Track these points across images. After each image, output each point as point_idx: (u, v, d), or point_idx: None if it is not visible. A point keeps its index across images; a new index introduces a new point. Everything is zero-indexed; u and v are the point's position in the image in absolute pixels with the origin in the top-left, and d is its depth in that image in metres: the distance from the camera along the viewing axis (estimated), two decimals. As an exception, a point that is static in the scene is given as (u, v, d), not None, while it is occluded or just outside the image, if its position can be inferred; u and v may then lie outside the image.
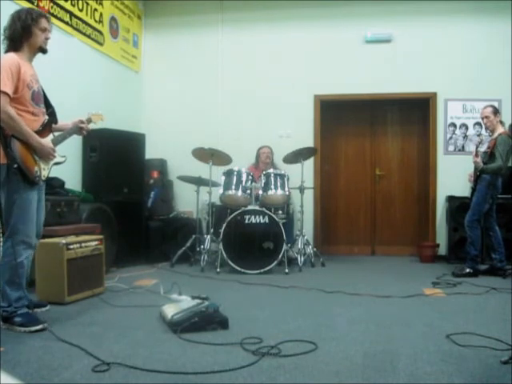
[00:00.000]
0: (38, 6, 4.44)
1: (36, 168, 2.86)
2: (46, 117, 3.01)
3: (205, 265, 5.04)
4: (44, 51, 3.00)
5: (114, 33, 5.97)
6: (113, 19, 5.92)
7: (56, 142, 3.05)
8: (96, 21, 5.53)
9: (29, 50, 2.92)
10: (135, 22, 6.53)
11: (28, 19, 2.86)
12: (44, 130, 2.95)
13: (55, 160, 3.03)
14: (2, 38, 2.93)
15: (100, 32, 5.62)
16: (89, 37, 5.38)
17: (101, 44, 5.65)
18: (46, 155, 2.90)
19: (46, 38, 2.97)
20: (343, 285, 4.18)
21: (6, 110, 2.68)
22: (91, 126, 3.41)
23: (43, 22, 2.93)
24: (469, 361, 2.30)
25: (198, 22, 6.61)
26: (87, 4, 5.33)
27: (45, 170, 2.95)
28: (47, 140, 2.95)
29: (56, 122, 3.14)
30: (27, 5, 4.31)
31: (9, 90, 2.71)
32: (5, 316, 2.80)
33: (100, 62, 5.73)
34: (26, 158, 2.80)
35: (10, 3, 4.11)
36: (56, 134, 3.13)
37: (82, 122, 3.21)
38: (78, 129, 3.21)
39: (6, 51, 2.88)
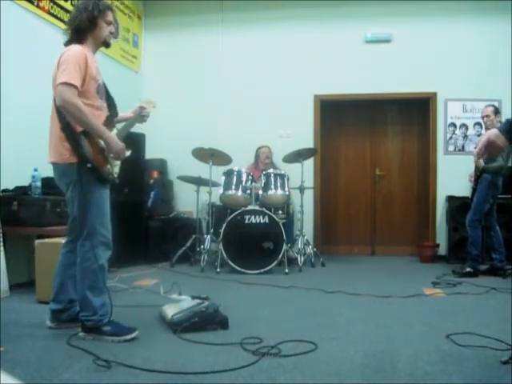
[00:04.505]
0: (38, 5, 4.43)
1: (108, 165, 2.67)
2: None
3: (205, 265, 5.03)
4: (107, 45, 2.84)
5: (114, 33, 5.97)
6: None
7: (121, 135, 2.81)
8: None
9: (93, 42, 2.75)
10: (135, 22, 6.53)
11: (95, 10, 2.67)
12: (107, 125, 2.71)
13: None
14: (66, 28, 2.76)
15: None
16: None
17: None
18: (118, 151, 2.66)
19: (111, 32, 2.80)
20: (343, 285, 4.18)
21: (74, 102, 2.47)
22: None
23: (109, 15, 2.75)
24: (469, 361, 2.30)
25: (198, 21, 6.61)
26: (87, 4, 5.32)
27: (116, 167, 2.75)
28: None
29: (117, 115, 2.93)
30: (27, 5, 4.31)
31: (77, 82, 2.51)
32: (90, 326, 2.60)
33: (100, 61, 5.68)
34: (97, 156, 2.60)
35: (10, 3, 4.12)
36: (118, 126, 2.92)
37: (142, 107, 2.97)
38: (139, 117, 2.98)
39: (69, 42, 2.70)
